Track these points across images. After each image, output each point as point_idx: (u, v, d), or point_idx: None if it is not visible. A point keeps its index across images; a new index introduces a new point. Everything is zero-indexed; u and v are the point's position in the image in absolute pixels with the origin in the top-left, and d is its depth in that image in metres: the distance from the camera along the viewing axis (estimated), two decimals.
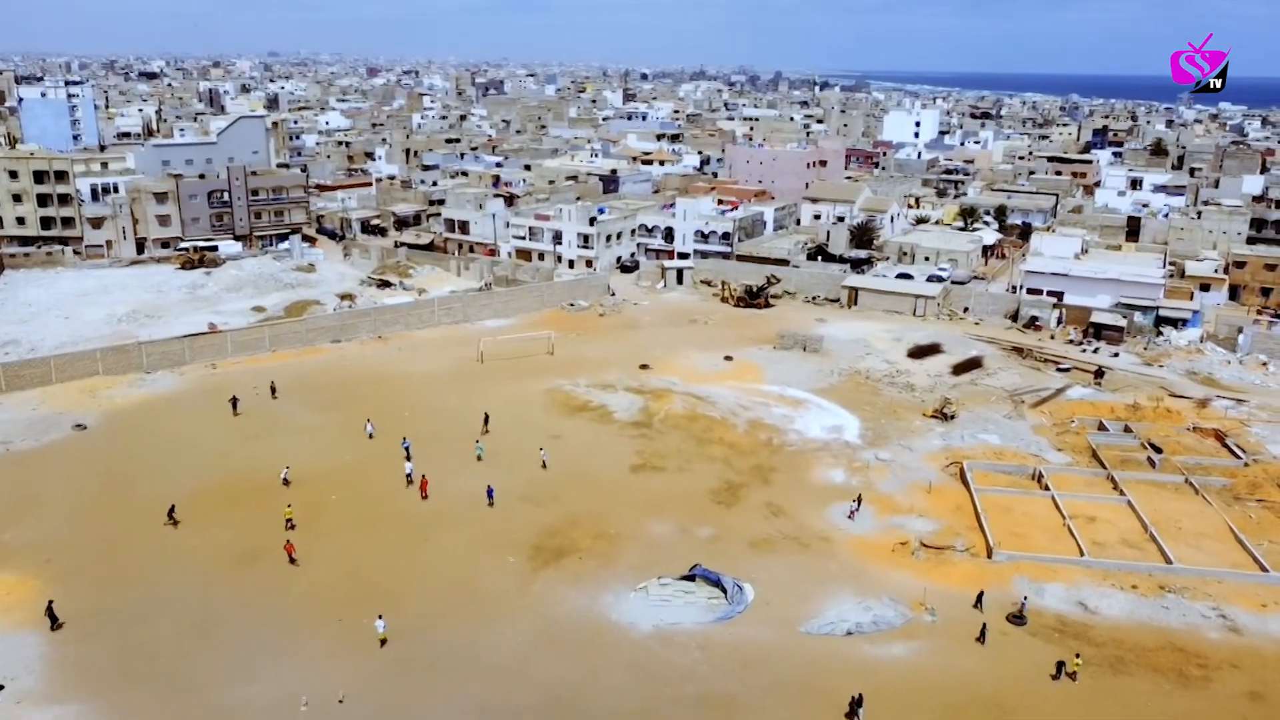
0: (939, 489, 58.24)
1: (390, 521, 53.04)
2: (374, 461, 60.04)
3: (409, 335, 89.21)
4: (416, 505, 54.83)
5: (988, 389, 76.71)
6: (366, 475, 58.03)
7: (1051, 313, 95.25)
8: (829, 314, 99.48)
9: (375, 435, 63.51)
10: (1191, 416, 70.67)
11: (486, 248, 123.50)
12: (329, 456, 60.83)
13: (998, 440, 66.18)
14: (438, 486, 55.96)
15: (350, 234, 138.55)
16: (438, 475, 57.05)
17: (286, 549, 48.54)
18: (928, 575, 48.40)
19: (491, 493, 54.55)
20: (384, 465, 59.28)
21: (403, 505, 54.99)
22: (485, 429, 65.04)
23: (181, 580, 46.91)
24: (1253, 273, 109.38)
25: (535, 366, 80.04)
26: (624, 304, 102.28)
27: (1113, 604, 45.97)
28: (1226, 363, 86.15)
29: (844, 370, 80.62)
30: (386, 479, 57.43)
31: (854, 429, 67.90)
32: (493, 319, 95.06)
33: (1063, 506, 55.39)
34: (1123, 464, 62.02)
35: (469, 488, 55.87)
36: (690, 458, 62.47)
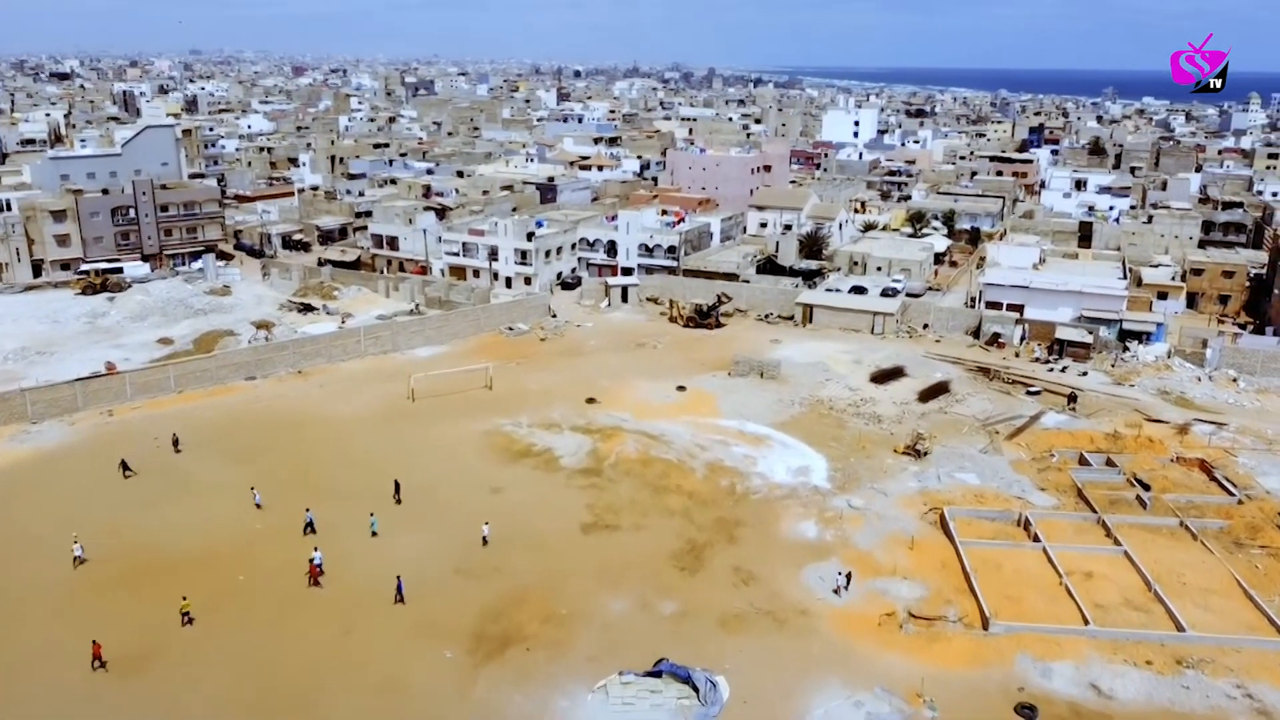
0: (921, 543, 53.04)
1: (307, 607, 46.02)
2: (286, 532, 52.81)
3: (332, 369, 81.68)
4: (335, 589, 47.87)
5: (958, 418, 72.02)
6: (279, 549, 50.79)
7: (1014, 328, 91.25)
8: (783, 333, 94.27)
9: (278, 502, 55.88)
10: (1174, 445, 66.75)
11: (417, 265, 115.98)
12: (236, 526, 53.42)
13: (976, 480, 61.33)
14: (344, 570, 48.83)
15: (270, 250, 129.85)
16: (347, 554, 50.16)
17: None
18: (921, 655, 43.02)
19: (401, 587, 46.50)
20: (297, 538, 52.13)
21: (328, 589, 47.99)
22: (397, 498, 56.61)
23: (56, 697, 39.45)
24: (1210, 280, 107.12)
25: (472, 403, 73.28)
26: (566, 326, 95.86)
27: (1128, 685, 41.08)
28: (1197, 380, 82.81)
29: (805, 399, 75.30)
30: (300, 555, 50.34)
31: (822, 470, 62.51)
32: (425, 347, 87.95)
33: (1056, 561, 50.55)
34: (1112, 505, 57.58)
35: (377, 573, 48.41)
36: (646, 511, 56.45)
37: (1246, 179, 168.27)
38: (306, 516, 52.97)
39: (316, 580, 47.65)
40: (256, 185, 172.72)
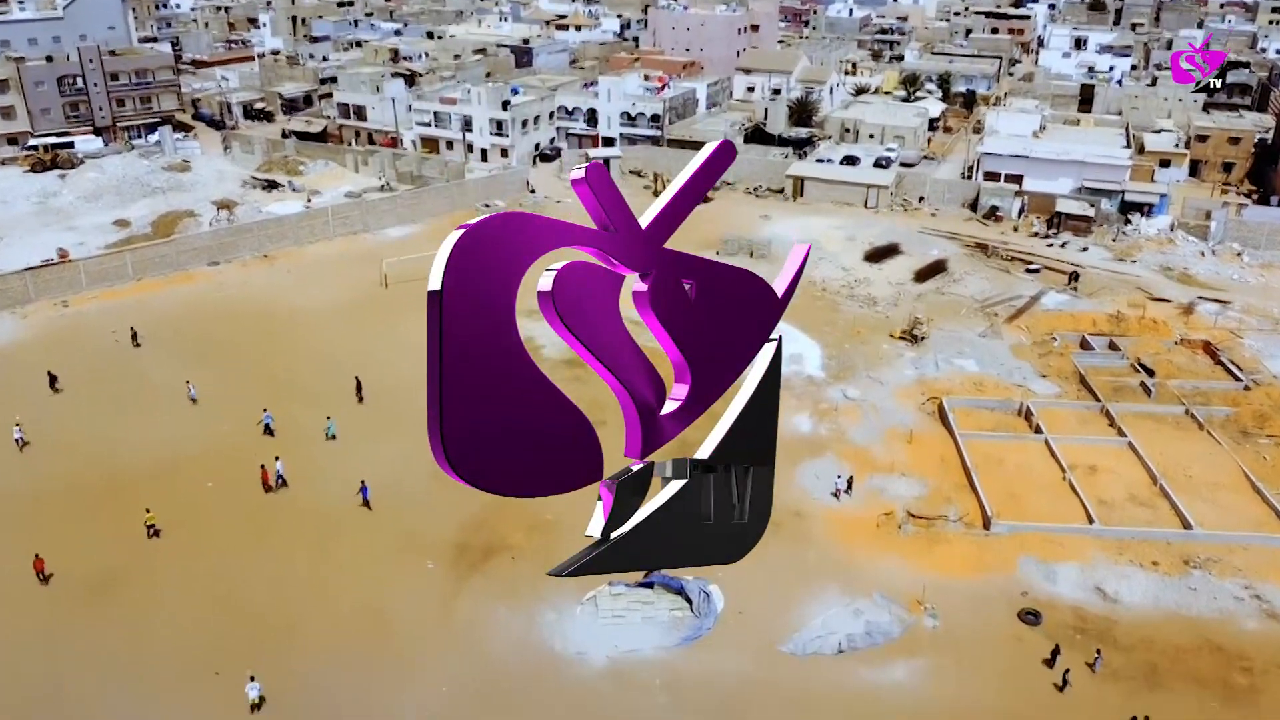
0: (919, 436, 51.07)
1: (278, 519, 43.84)
2: (253, 436, 50.15)
3: (300, 252, 77.60)
4: (311, 500, 45.59)
5: (956, 299, 69.30)
6: (247, 455, 48.22)
7: (1013, 201, 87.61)
8: (773, 208, 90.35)
9: (244, 404, 53.12)
10: (1178, 326, 64.49)
11: (387, 136, 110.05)
12: (201, 430, 50.68)
13: (975, 366, 59.09)
14: (310, 477, 46.50)
15: (231, 121, 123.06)
16: (311, 460, 47.73)
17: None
18: (921, 560, 41.48)
19: (366, 492, 44.41)
20: (262, 442, 49.54)
21: (300, 496, 45.73)
22: (359, 396, 53.65)
23: (21, 626, 37.45)
24: (1215, 147, 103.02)
25: None
26: (545, 202, 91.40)
27: (1134, 588, 39.77)
28: (1200, 254, 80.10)
29: None
30: (265, 461, 47.88)
31: (816, 358, 60.02)
32: (396, 227, 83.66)
33: (1059, 454, 48.77)
34: (1116, 393, 55.56)
35: (346, 479, 45.75)
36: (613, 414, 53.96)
37: (1249, 35, 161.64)
38: (264, 418, 50.25)
39: (269, 485, 45.34)
40: (214, 49, 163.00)
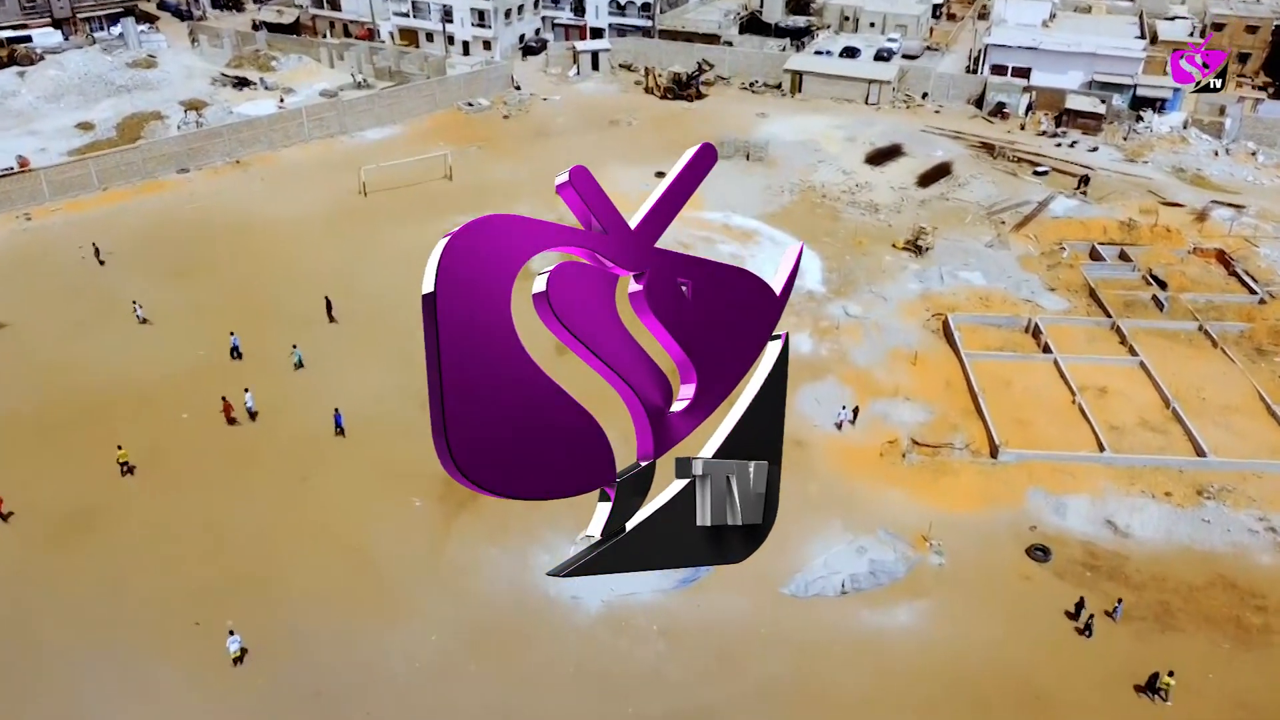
0: (924, 357, 49.13)
1: (257, 456, 41.96)
2: (227, 363, 47.88)
3: (274, 157, 73.82)
4: (286, 432, 43.64)
5: (960, 205, 66.49)
6: (220, 383, 46.01)
7: (1020, 97, 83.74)
8: (770, 105, 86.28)
9: (219, 329, 50.80)
10: (1191, 234, 62.03)
11: (363, 27, 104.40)
12: (172, 354, 48.34)
13: (981, 279, 56.81)
14: (283, 405, 44.51)
15: (198, 10, 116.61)
16: (284, 387, 45.67)
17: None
18: (926, 492, 40.05)
19: (340, 420, 42.44)
20: (233, 368, 47.30)
21: (271, 429, 43.77)
22: (330, 317, 51.02)
23: None
24: (1231, 36, 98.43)
25: (430, 198, 66.54)
26: (531, 100, 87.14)
27: (1146, 521, 38.50)
28: (1214, 154, 77.02)
29: (795, 185, 69.18)
30: (236, 389, 45.73)
31: (816, 271, 57.56)
32: (375, 128, 79.61)
33: (1068, 375, 47.02)
34: (1127, 308, 53.55)
35: (321, 408, 43.60)
36: (626, 320, 51.75)
37: None
38: (231, 340, 47.92)
39: (232, 418, 43.24)
40: None
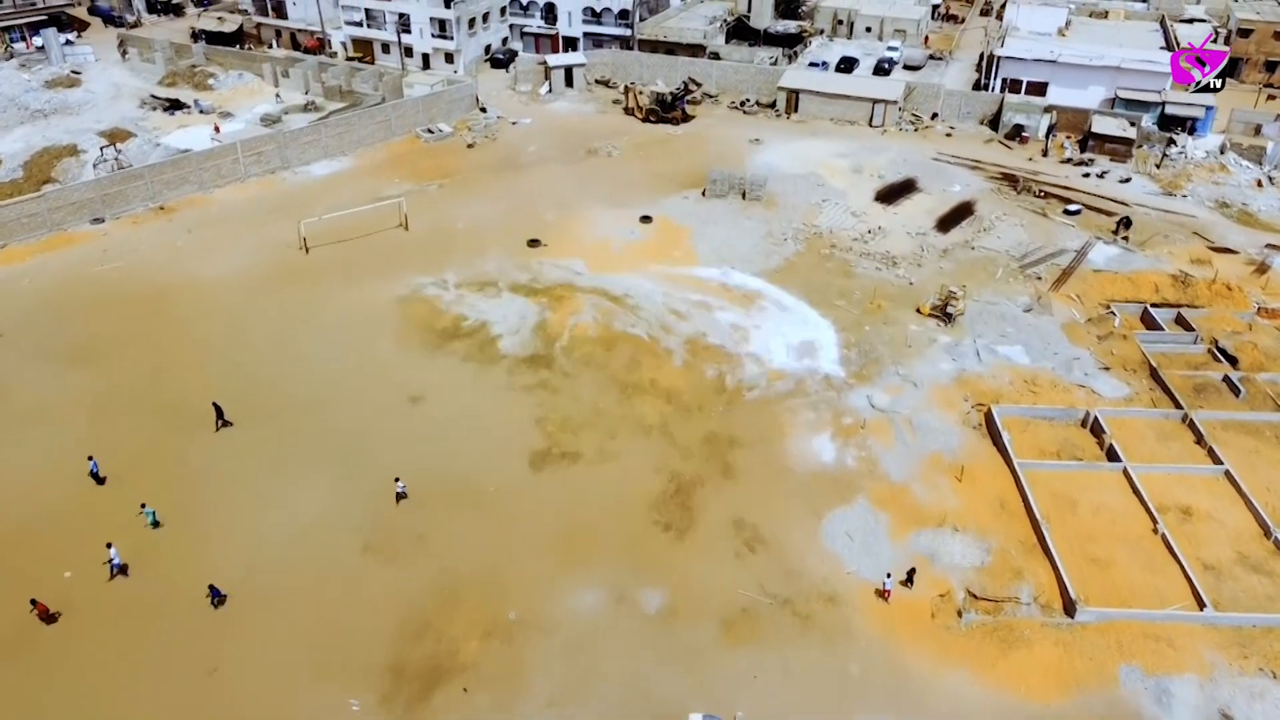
0: (970, 468, 41.25)
1: (150, 632, 33.40)
2: (95, 488, 39.24)
3: (204, 200, 64.73)
4: (187, 598, 35.10)
5: (988, 255, 58.60)
6: (121, 518, 37.38)
7: (1040, 119, 75.85)
8: (764, 128, 77.92)
9: (125, 436, 42.16)
10: (1253, 291, 54.48)
11: (312, 37, 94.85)
12: (67, 477, 39.55)
13: (1024, 356, 48.96)
14: (157, 560, 36.11)
15: (133, 16, 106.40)
16: (160, 541, 37.20)
17: None
18: (995, 670, 32.22)
19: (217, 593, 33.68)
20: (102, 498, 38.68)
21: (155, 596, 35.23)
22: (220, 423, 41.92)
23: None
24: (1258, 43, 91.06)
25: (383, 251, 57.92)
26: (499, 124, 78.31)
27: (1273, 714, 30.90)
28: (1257, 184, 69.57)
29: (799, 231, 61.03)
30: (167, 542, 37.15)
31: (831, 347, 49.53)
32: (322, 161, 70.63)
33: (1143, 490, 39.34)
34: (1197, 393, 45.90)
35: (204, 564, 35.59)
36: (614, 425, 43.63)
37: None
38: (90, 465, 39.02)
39: (45, 615, 32.80)
40: None
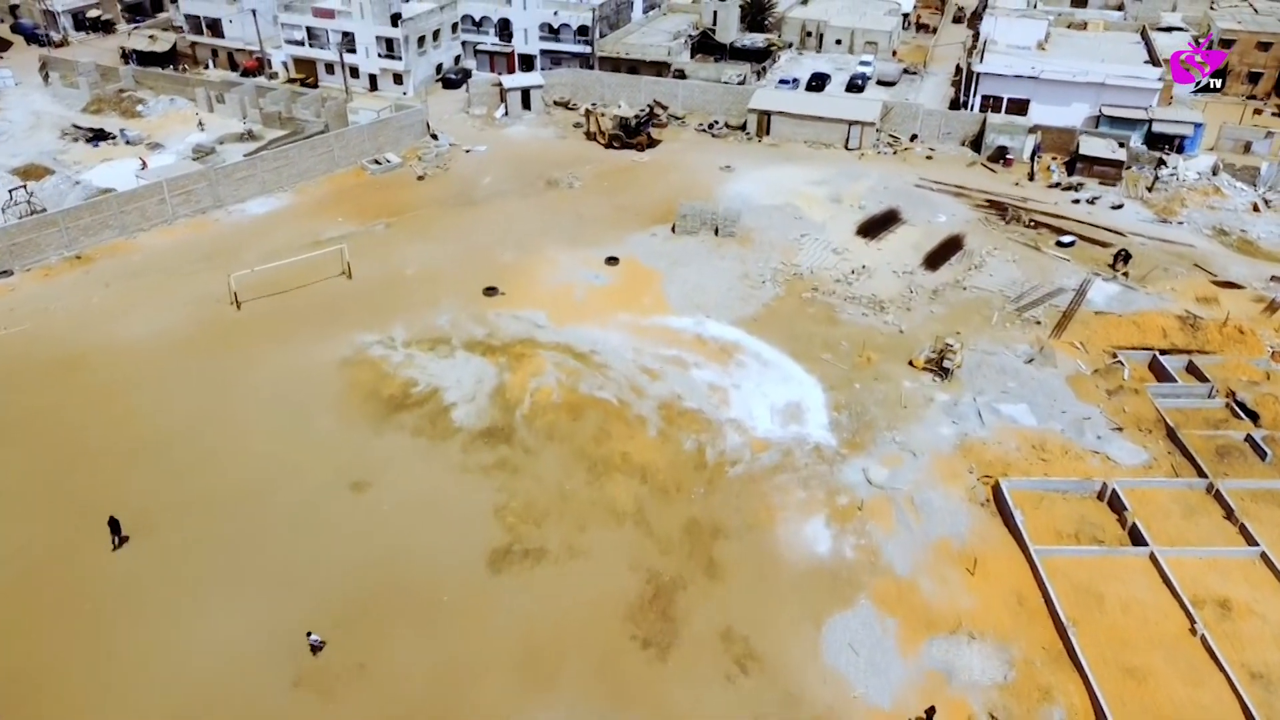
0: (982, 554, 36.94)
1: None
2: (23, 612, 33.86)
3: (127, 246, 59.02)
4: None
5: (982, 296, 54.51)
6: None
7: (1025, 140, 72.01)
8: (735, 153, 73.43)
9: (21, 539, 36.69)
10: (1266, 333, 50.81)
11: (251, 57, 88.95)
12: None
13: (1029, 416, 44.78)
14: None
15: (58, 34, 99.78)
16: None
17: None
18: None
19: None
20: (39, 623, 33.33)
21: None
22: (116, 540, 35.99)
23: None
24: (1241, 53, 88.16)
25: (325, 306, 52.67)
26: (451, 152, 73.10)
27: None
28: (1253, 208, 66.24)
29: (778, 271, 56.58)
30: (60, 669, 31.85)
31: (820, 409, 45.07)
32: (259, 199, 65.09)
33: (1175, 581, 35.28)
34: (1221, 458, 42.01)
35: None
36: (582, 512, 38.83)
37: None
38: None
39: None
40: None
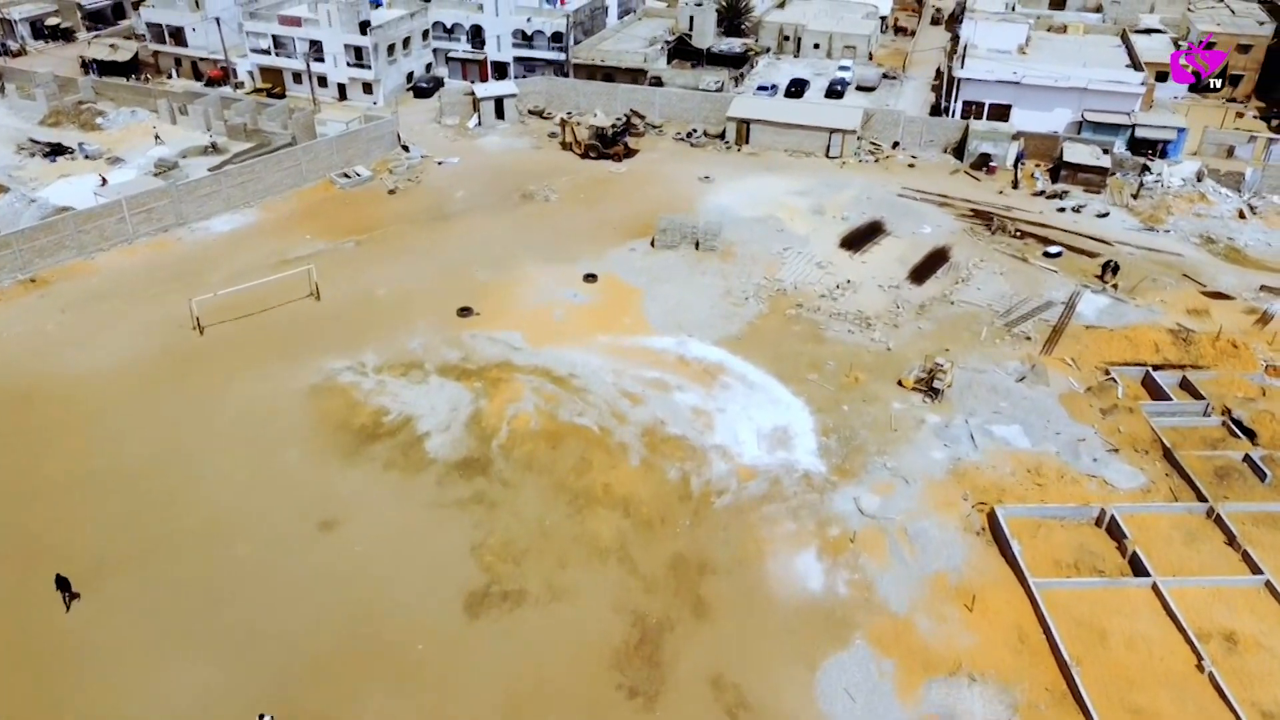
0: (980, 588, 35.54)
1: None
2: None
3: (85, 268, 56.75)
4: None
5: (970, 310, 53.22)
6: None
7: (1009, 146, 70.88)
8: (713, 162, 71.91)
9: None
10: (1259, 345, 49.78)
11: (216, 66, 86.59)
12: None
13: (1023, 437, 43.48)
14: None
15: (15, 44, 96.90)
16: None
17: None
18: None
19: None
20: None
21: None
22: (68, 598, 33.51)
23: None
24: None
25: (292, 329, 50.66)
26: (423, 164, 71.16)
27: None
28: (1239, 214, 65.42)
29: (761, 287, 55.08)
30: None
31: (808, 434, 43.57)
32: (223, 215, 62.94)
33: (1179, 614, 34.01)
34: (1220, 480, 40.84)
35: None
36: (564, 549, 37.13)
37: None
38: None
39: None
40: None
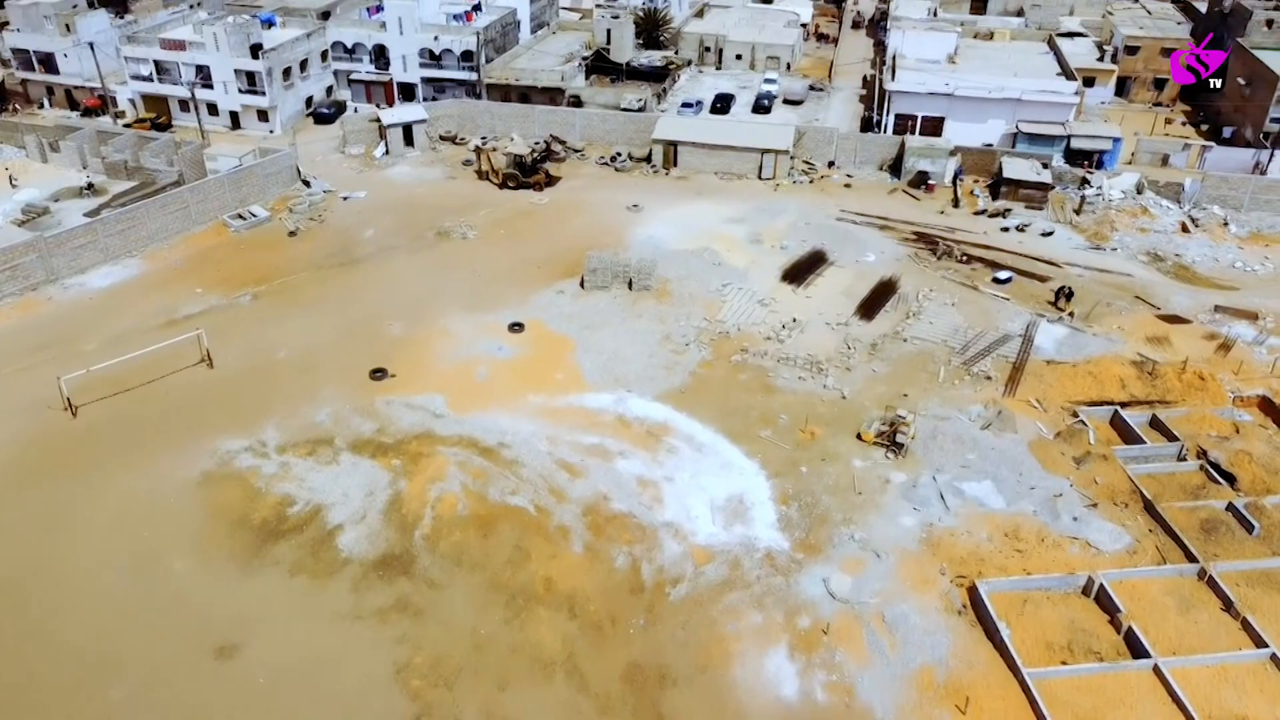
0: (970, 683, 31.98)
1: None
2: None
3: None
4: None
5: (925, 349, 49.94)
6: None
7: (946, 163, 68.20)
8: (642, 189, 67.72)
9: None
10: (1225, 375, 47.50)
11: (92, 95, 79.29)
12: None
13: (996, 495, 40.20)
14: None
15: None
16: None
17: None
18: None
19: None
20: None
21: None
22: None
23: None
24: (1146, 59, 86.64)
25: (181, 403, 44.87)
26: (326, 200, 65.45)
27: None
28: (1182, 228, 63.76)
29: (702, 330, 51.03)
30: None
31: (766, 503, 39.64)
32: (102, 268, 56.56)
33: (1186, 700, 30.95)
34: (1207, 534, 38.13)
35: None
36: (503, 664, 32.50)
37: None
38: None
39: None
40: None
